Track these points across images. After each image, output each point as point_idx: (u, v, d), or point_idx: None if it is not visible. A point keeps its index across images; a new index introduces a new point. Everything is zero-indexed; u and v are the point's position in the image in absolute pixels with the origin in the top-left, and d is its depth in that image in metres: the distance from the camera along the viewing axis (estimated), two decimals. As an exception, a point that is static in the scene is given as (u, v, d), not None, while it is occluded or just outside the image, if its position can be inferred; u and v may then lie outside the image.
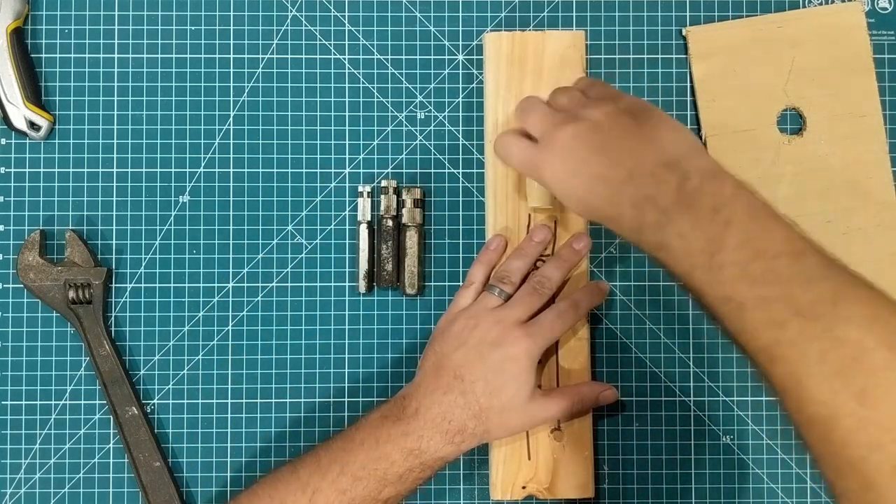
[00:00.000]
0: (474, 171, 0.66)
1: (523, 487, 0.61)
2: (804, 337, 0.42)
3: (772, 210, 0.46)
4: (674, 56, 0.67)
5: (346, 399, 0.66)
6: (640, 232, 0.48)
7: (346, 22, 0.67)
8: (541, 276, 0.60)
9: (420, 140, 0.67)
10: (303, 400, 0.66)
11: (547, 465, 0.61)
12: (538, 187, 0.60)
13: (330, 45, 0.67)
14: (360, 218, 0.65)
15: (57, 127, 0.66)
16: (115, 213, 0.66)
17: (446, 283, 0.66)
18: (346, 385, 0.66)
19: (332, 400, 0.66)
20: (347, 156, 0.67)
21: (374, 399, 0.66)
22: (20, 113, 0.65)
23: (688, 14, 0.67)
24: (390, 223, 0.65)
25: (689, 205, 0.46)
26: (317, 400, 0.66)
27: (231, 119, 0.67)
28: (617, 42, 0.67)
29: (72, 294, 0.64)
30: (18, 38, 0.65)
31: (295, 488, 0.54)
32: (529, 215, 0.63)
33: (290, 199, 0.66)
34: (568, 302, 0.60)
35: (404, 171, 0.67)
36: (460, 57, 0.67)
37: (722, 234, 0.45)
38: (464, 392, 0.56)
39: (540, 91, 0.61)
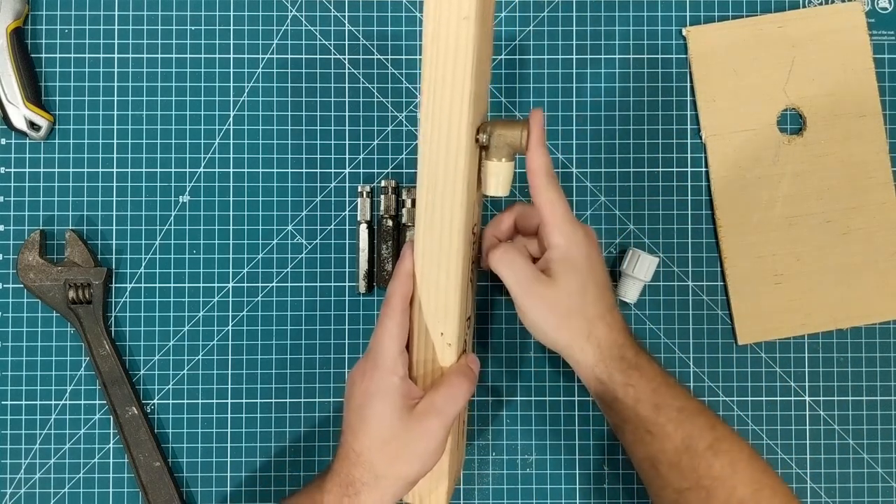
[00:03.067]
0: (474, 171, 0.66)
1: None
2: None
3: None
4: (674, 56, 0.67)
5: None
6: None
7: (346, 22, 0.67)
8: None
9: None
10: (303, 400, 0.66)
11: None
12: (502, 176, 0.54)
13: (330, 45, 0.67)
14: (359, 218, 0.65)
15: (57, 127, 0.66)
16: (115, 213, 0.66)
17: (446, 283, 0.66)
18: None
19: (332, 400, 0.66)
20: (347, 156, 0.67)
21: (374, 399, 0.66)
22: (20, 113, 0.65)
23: (688, 14, 0.67)
24: (390, 223, 0.65)
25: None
26: (317, 400, 0.66)
27: (231, 119, 0.67)
28: (617, 42, 0.67)
29: (72, 294, 0.64)
30: (18, 38, 0.65)
31: None
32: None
33: (290, 199, 0.66)
34: (385, 300, 0.55)
35: (404, 171, 0.67)
36: (460, 57, 0.67)
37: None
38: (342, 444, 0.54)
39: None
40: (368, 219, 0.65)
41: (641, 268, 0.64)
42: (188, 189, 0.66)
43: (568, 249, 0.54)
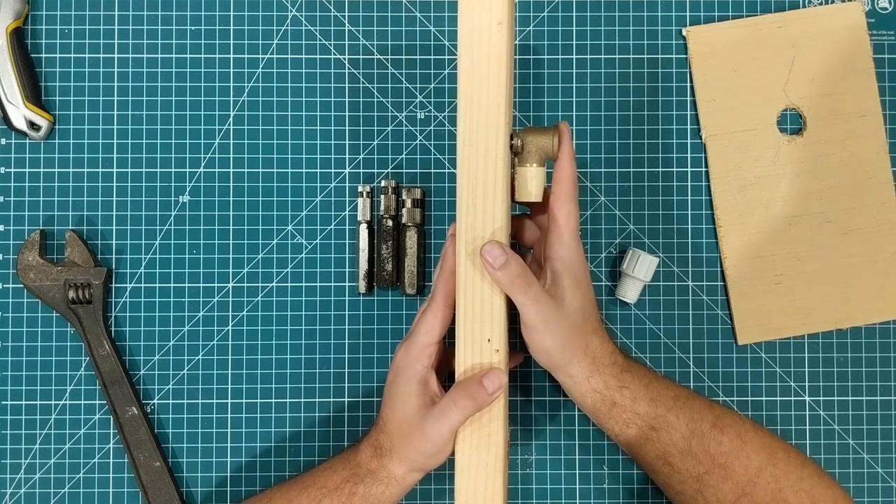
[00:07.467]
0: (474, 171, 0.67)
1: None
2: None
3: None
4: (674, 56, 0.67)
5: (346, 399, 0.66)
6: None
7: (346, 22, 0.67)
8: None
9: (420, 140, 0.67)
10: (303, 400, 0.66)
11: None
12: (536, 180, 0.55)
13: (330, 45, 0.67)
14: (359, 218, 0.65)
15: (57, 127, 0.66)
16: (115, 213, 0.66)
17: (446, 283, 0.66)
18: (346, 385, 0.66)
19: (331, 400, 0.66)
20: (347, 156, 0.67)
21: (374, 399, 0.66)
22: (20, 113, 0.65)
23: (688, 14, 0.67)
24: (390, 223, 0.65)
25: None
26: (317, 400, 0.66)
27: (231, 119, 0.67)
28: (617, 42, 0.67)
29: (72, 294, 0.64)
30: (18, 38, 0.65)
31: None
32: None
33: (290, 199, 0.66)
34: (430, 294, 0.57)
35: (404, 171, 0.67)
36: (460, 57, 0.67)
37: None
38: (381, 407, 0.58)
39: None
40: (368, 219, 0.65)
41: (641, 268, 0.64)
42: (188, 189, 0.66)
43: (572, 264, 0.55)
